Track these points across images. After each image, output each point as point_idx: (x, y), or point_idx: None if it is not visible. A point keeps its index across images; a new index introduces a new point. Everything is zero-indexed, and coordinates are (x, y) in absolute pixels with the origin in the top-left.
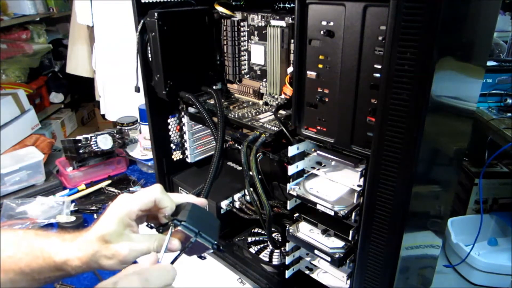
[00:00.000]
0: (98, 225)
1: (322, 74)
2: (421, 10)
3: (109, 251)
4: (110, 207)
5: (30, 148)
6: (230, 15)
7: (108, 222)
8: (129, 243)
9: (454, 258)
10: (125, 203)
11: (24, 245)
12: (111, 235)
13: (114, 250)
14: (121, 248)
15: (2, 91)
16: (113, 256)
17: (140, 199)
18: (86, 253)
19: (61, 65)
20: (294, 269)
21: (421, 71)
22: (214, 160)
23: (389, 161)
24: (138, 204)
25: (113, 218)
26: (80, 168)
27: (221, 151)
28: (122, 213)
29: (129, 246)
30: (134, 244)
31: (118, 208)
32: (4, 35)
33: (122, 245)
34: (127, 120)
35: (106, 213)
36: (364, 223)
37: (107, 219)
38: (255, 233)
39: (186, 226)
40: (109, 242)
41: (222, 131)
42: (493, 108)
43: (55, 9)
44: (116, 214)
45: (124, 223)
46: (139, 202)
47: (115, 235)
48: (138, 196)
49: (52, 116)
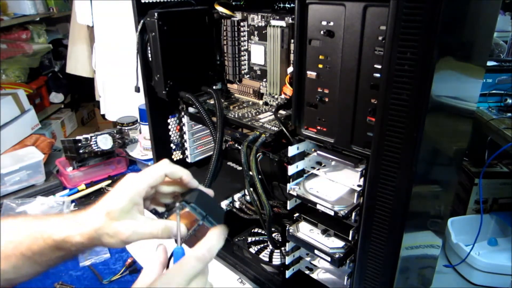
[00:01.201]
0: (105, 200)
1: (322, 74)
2: (421, 10)
3: (112, 229)
4: (119, 185)
5: (30, 148)
6: (230, 15)
7: (117, 198)
8: (133, 224)
9: (454, 258)
10: (135, 180)
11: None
12: (117, 212)
13: (117, 229)
14: (125, 229)
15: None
16: (115, 234)
17: (150, 175)
18: (90, 228)
19: (61, 65)
20: (294, 269)
21: (421, 71)
22: (213, 160)
23: (389, 161)
24: (149, 180)
25: (122, 195)
26: (80, 168)
27: (220, 152)
28: (131, 190)
29: (133, 228)
30: (138, 227)
31: (127, 185)
32: (4, 35)
33: (126, 225)
34: (127, 120)
35: (115, 190)
36: (364, 223)
37: (116, 196)
38: (255, 233)
39: (194, 208)
40: (114, 219)
41: (221, 131)
42: (493, 108)
43: (55, 9)
44: (125, 191)
45: (132, 201)
46: (149, 178)
47: (122, 212)
48: (147, 172)
49: (52, 116)
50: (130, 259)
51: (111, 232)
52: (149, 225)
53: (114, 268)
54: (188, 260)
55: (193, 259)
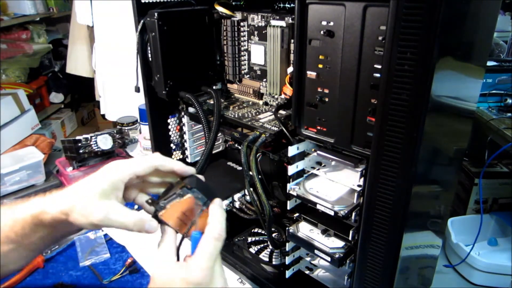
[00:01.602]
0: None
1: (322, 74)
2: (421, 10)
3: (86, 209)
4: (104, 167)
5: (30, 148)
6: (230, 15)
7: (98, 180)
8: (107, 209)
9: (454, 258)
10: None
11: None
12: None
13: (90, 210)
14: (98, 211)
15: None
16: (87, 215)
17: (138, 164)
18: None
19: (61, 65)
20: (294, 269)
21: (421, 71)
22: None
23: (389, 161)
24: (135, 168)
25: (104, 177)
26: (80, 168)
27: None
28: (115, 175)
29: (105, 212)
30: (111, 213)
31: (112, 170)
32: (4, 35)
33: (100, 208)
34: (127, 120)
35: (98, 172)
36: (364, 223)
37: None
38: (255, 233)
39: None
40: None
41: (215, 131)
42: (493, 108)
43: (55, 9)
44: (108, 175)
45: (113, 185)
46: (136, 166)
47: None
48: (136, 162)
49: (52, 116)
50: (130, 259)
51: (84, 212)
52: (123, 214)
53: (114, 268)
54: (209, 242)
55: (213, 239)
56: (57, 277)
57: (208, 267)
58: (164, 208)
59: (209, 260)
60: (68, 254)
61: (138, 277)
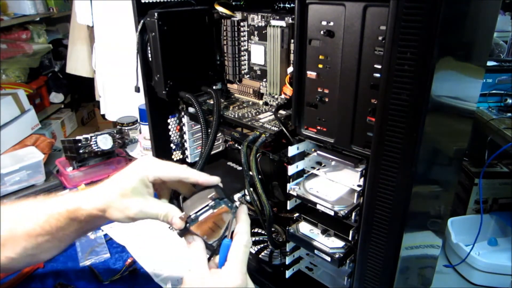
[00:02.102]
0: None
1: (322, 74)
2: (421, 10)
3: (122, 204)
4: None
5: (30, 148)
6: (230, 15)
7: (129, 178)
8: (142, 203)
9: (454, 258)
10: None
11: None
12: (129, 190)
13: (127, 205)
14: (134, 206)
15: (2, 91)
16: (124, 210)
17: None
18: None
19: (61, 65)
20: (294, 269)
21: (421, 71)
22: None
23: (389, 161)
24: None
25: (134, 175)
26: (80, 168)
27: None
28: (144, 173)
29: (141, 206)
30: (146, 206)
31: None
32: (4, 35)
33: (136, 203)
34: (127, 120)
35: (128, 169)
36: (364, 223)
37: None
38: (255, 233)
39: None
40: (126, 196)
41: (214, 132)
42: (493, 108)
43: (55, 9)
44: (138, 173)
45: (143, 183)
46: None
47: (133, 191)
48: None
49: (52, 116)
50: (130, 259)
51: (121, 207)
52: (156, 206)
53: (114, 268)
54: (241, 250)
55: (243, 247)
56: (57, 277)
57: (244, 272)
58: (196, 221)
59: (244, 266)
60: (68, 254)
61: (138, 277)
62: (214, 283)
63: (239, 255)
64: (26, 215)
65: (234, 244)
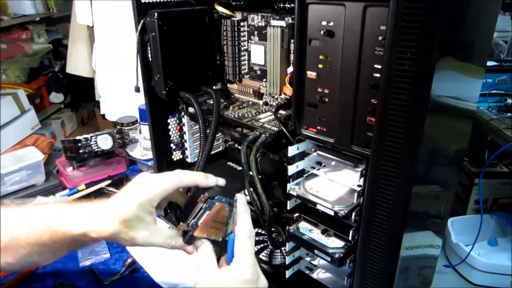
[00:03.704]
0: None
1: (322, 74)
2: (421, 10)
3: (127, 235)
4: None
5: (30, 148)
6: (230, 15)
7: (129, 205)
8: (146, 234)
9: (454, 258)
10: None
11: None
12: (131, 221)
13: (131, 236)
14: (138, 237)
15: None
16: (129, 240)
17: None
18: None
19: (61, 65)
20: (294, 269)
21: (421, 71)
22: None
23: (389, 161)
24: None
25: (134, 202)
26: (80, 168)
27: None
28: (143, 199)
29: (145, 238)
30: (150, 237)
31: (139, 193)
32: (4, 35)
33: (140, 235)
34: (127, 120)
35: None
36: (364, 223)
37: (128, 202)
38: (255, 233)
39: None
40: (129, 227)
41: (214, 131)
42: (493, 108)
43: (55, 9)
44: (137, 199)
45: (146, 210)
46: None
47: (136, 220)
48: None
49: (52, 116)
50: (130, 259)
51: (127, 238)
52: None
53: (114, 268)
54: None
55: (247, 238)
56: (57, 277)
57: (253, 263)
58: (196, 226)
59: (252, 257)
60: (68, 254)
61: (138, 277)
62: (225, 280)
63: (244, 247)
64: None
65: (238, 237)
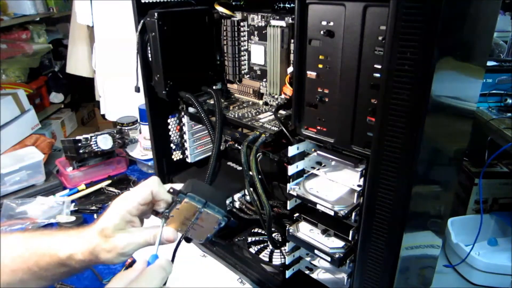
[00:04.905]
0: (100, 220)
1: (322, 74)
2: (421, 10)
3: (109, 244)
4: (112, 204)
5: (30, 148)
6: (230, 15)
7: (109, 217)
8: (126, 236)
9: (454, 258)
10: (125, 199)
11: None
12: (110, 229)
13: (113, 244)
14: (119, 241)
15: (2, 91)
16: (112, 249)
17: (139, 194)
18: (88, 247)
19: (61, 65)
20: (294, 269)
21: (421, 71)
22: (212, 160)
23: (389, 161)
24: (137, 199)
25: (114, 213)
26: (80, 168)
27: (218, 152)
28: (122, 209)
29: (126, 239)
30: (131, 237)
31: (119, 205)
32: (4, 35)
33: (120, 238)
34: (127, 120)
35: (108, 209)
36: (364, 223)
37: (109, 215)
38: (255, 233)
39: (192, 197)
40: (109, 236)
41: (220, 131)
42: (493, 108)
43: (55, 9)
44: (117, 210)
45: (124, 219)
46: (137, 196)
47: (115, 229)
48: (136, 191)
49: (52, 116)
50: (130, 259)
51: (108, 247)
52: (142, 234)
53: (114, 268)
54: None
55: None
56: None
57: None
58: (168, 217)
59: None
60: None
61: None
62: None
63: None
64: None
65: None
